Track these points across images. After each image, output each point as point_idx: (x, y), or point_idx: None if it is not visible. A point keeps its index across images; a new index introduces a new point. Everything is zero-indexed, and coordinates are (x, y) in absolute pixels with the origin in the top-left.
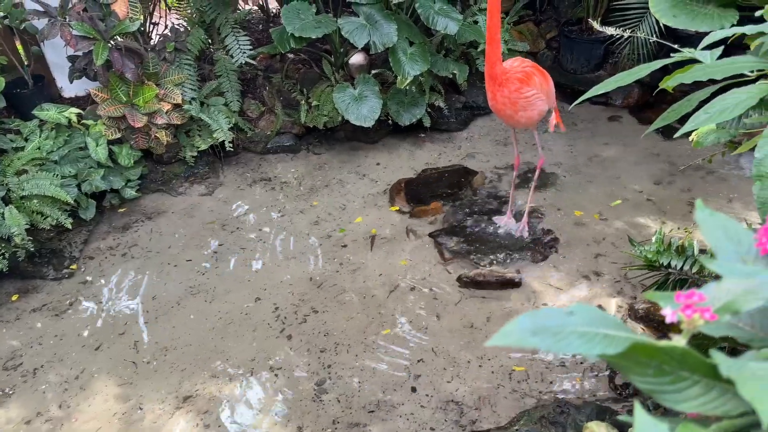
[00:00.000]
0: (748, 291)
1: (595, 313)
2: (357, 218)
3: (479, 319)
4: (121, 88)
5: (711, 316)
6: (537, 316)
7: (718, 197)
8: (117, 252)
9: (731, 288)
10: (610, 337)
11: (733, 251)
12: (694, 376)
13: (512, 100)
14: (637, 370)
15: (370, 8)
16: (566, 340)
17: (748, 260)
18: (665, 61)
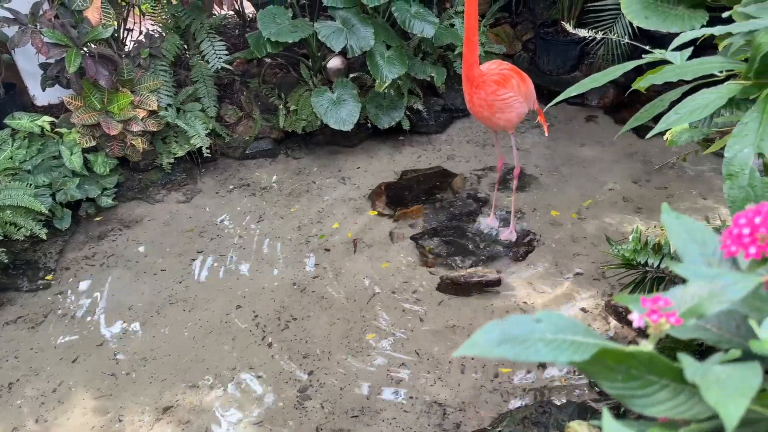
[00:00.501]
0: (713, 294)
1: (562, 319)
2: (338, 223)
3: (462, 320)
4: (95, 95)
5: (676, 321)
6: (504, 325)
7: (693, 194)
8: (94, 262)
9: (696, 291)
10: (577, 344)
11: (698, 253)
12: (662, 381)
13: (489, 103)
14: (606, 376)
15: (346, 12)
16: (533, 347)
17: (714, 263)
18: (637, 62)
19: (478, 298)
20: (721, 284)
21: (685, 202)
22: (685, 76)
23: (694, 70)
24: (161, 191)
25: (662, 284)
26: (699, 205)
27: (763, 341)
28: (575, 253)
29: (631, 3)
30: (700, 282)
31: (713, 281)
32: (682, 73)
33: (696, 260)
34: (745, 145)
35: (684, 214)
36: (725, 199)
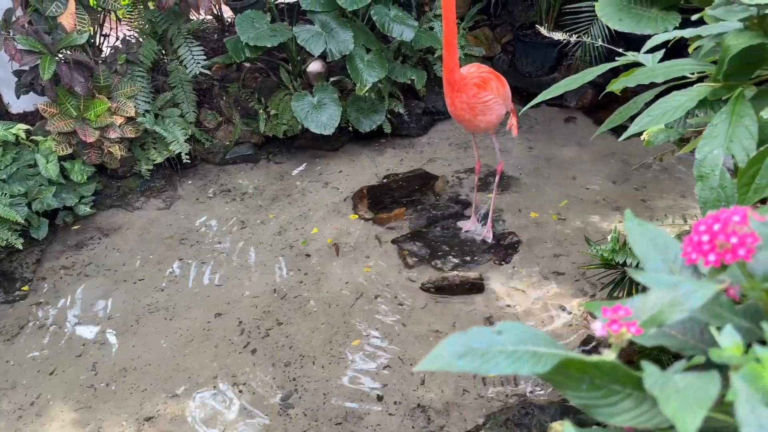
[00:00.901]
0: (674, 303)
1: (524, 330)
2: (320, 227)
3: (445, 323)
4: (71, 102)
5: (636, 331)
6: (465, 337)
7: (671, 193)
8: (72, 271)
9: (657, 300)
10: (538, 355)
11: (660, 260)
12: (625, 390)
13: (471, 105)
14: (571, 385)
15: (325, 16)
16: (494, 360)
17: (675, 269)
18: (610, 65)
19: (460, 300)
20: (682, 292)
21: (663, 200)
22: (657, 78)
23: (665, 73)
24: (140, 198)
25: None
26: (677, 204)
27: (723, 349)
28: (556, 254)
29: (605, 6)
30: (661, 290)
31: (674, 289)
32: (654, 76)
33: (657, 267)
34: (715, 146)
35: (662, 212)
36: (697, 200)
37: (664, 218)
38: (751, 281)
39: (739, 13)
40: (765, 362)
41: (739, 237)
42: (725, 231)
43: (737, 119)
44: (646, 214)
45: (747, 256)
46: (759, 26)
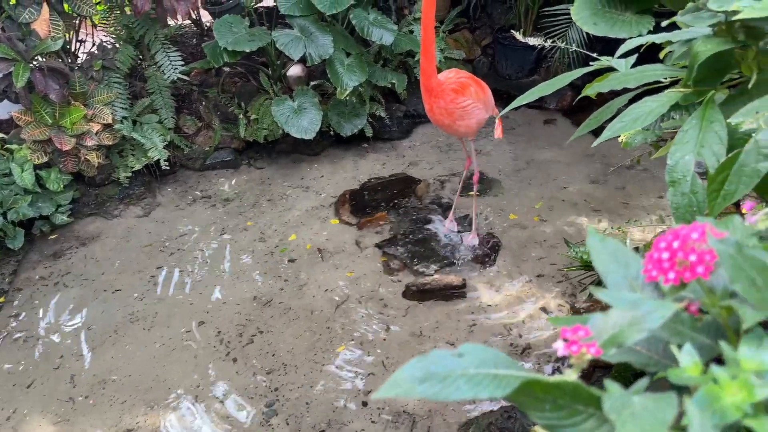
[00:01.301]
0: (633, 322)
1: (485, 352)
2: (302, 233)
3: (428, 328)
4: (46, 110)
5: (596, 351)
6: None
7: (650, 193)
8: (49, 282)
9: (618, 319)
10: (499, 378)
11: (621, 277)
12: (588, 410)
13: (449, 111)
14: (534, 406)
15: (304, 20)
16: (454, 385)
17: (637, 286)
18: (584, 70)
19: (443, 304)
20: (641, 312)
21: (642, 200)
22: (629, 84)
23: (636, 78)
24: (119, 206)
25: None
26: (656, 204)
27: (682, 369)
28: (538, 256)
29: (580, 10)
30: (621, 309)
31: (634, 308)
32: (626, 81)
33: (619, 284)
34: (686, 152)
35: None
36: (669, 206)
37: (644, 218)
38: (711, 297)
39: (707, 19)
40: (722, 383)
41: (698, 255)
42: (684, 248)
43: (707, 125)
44: (626, 215)
45: (705, 274)
46: (727, 32)
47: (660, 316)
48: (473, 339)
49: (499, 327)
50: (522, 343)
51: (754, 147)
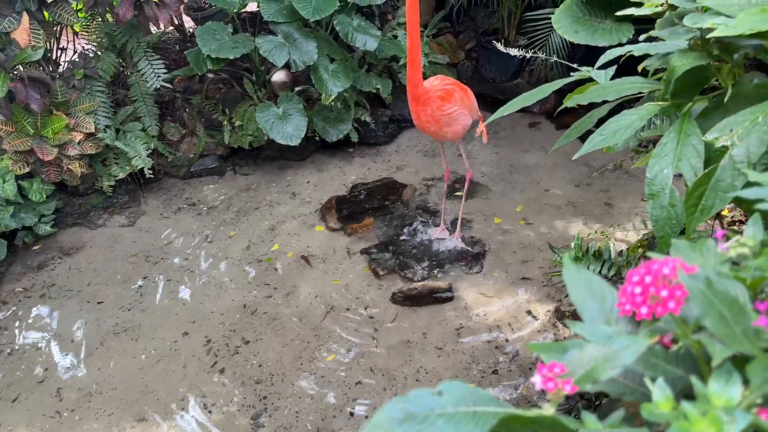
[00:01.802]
0: (607, 358)
1: (464, 389)
2: (289, 240)
3: (416, 334)
4: (27, 119)
5: (572, 389)
6: (405, 402)
7: (632, 195)
8: (33, 293)
9: (593, 355)
10: (479, 415)
11: (597, 310)
12: None
13: (435, 118)
14: None
15: (288, 26)
16: (434, 425)
17: (612, 319)
18: (565, 81)
19: (431, 310)
20: (615, 348)
21: (625, 203)
22: (608, 96)
23: (616, 91)
24: (103, 215)
25: None
26: (639, 206)
27: (654, 404)
28: (523, 260)
29: (561, 18)
30: (596, 343)
31: (608, 343)
32: (605, 94)
33: (595, 317)
34: (665, 165)
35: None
36: (649, 218)
37: (626, 221)
38: (683, 328)
39: (683, 34)
40: (692, 419)
41: (669, 290)
42: (656, 284)
43: (685, 138)
44: (609, 217)
45: (676, 309)
46: (702, 47)
47: (633, 352)
48: (461, 345)
49: (486, 332)
50: (510, 349)
51: (729, 163)
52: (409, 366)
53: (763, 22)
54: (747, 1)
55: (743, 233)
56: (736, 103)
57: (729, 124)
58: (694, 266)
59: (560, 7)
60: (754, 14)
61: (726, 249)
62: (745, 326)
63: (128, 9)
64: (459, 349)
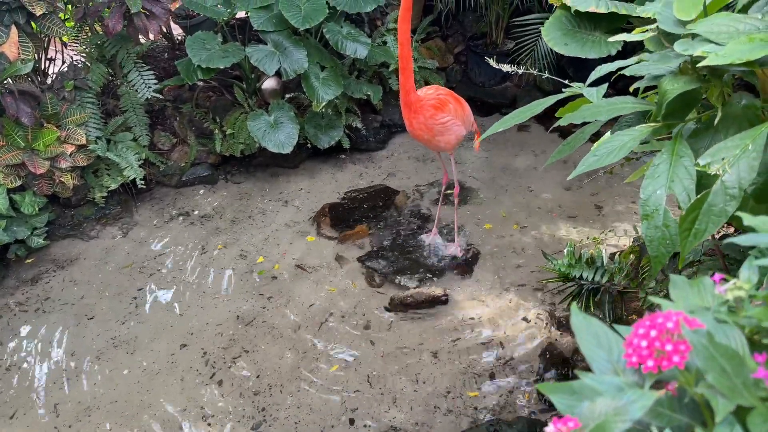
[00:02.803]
0: (617, 412)
1: None
2: (283, 248)
3: (412, 341)
4: (18, 133)
5: None
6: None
7: (623, 198)
8: (28, 307)
9: (603, 408)
10: None
11: (605, 359)
12: None
13: (428, 126)
14: None
15: (278, 35)
16: None
17: (620, 370)
18: (557, 97)
19: (426, 316)
20: (624, 402)
21: (616, 206)
22: (600, 116)
23: (608, 110)
24: (96, 227)
25: (597, 295)
26: (629, 209)
27: None
28: (516, 264)
29: (551, 31)
30: (606, 396)
31: (617, 396)
32: (598, 113)
33: (603, 367)
34: (658, 186)
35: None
36: (644, 238)
37: (617, 224)
38: (687, 378)
39: (674, 59)
40: None
41: (674, 345)
42: (661, 338)
43: (677, 160)
44: (600, 221)
45: (681, 363)
46: (692, 70)
47: (641, 406)
48: (457, 350)
49: (482, 338)
50: (505, 355)
51: (721, 188)
52: (406, 373)
53: (752, 51)
54: (735, 29)
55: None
56: (726, 124)
57: (720, 149)
58: (695, 319)
59: (549, 20)
60: (743, 43)
61: (723, 292)
62: (745, 378)
63: (118, 21)
64: (455, 355)
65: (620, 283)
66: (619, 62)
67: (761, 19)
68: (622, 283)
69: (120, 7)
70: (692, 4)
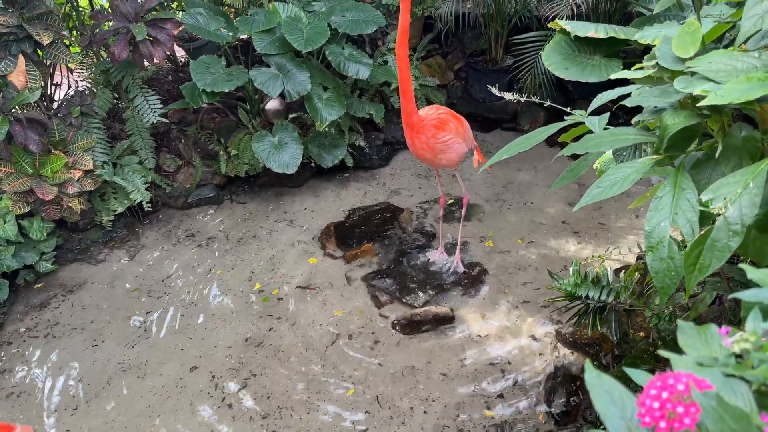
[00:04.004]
0: None
1: None
2: (289, 268)
3: (420, 361)
4: (26, 160)
5: None
6: None
7: (625, 213)
8: (37, 333)
9: None
10: None
11: (618, 417)
12: None
13: (430, 146)
14: None
15: (281, 58)
16: None
17: (633, 427)
18: (559, 125)
19: (433, 335)
20: None
21: (619, 221)
22: (603, 147)
23: (611, 141)
24: (103, 250)
25: (603, 313)
26: (632, 224)
27: None
28: (522, 281)
29: (551, 55)
30: None
31: None
32: (601, 144)
33: (617, 425)
34: (662, 218)
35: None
36: (649, 270)
37: (621, 239)
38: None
39: (674, 94)
40: None
41: (684, 407)
42: (672, 400)
43: (680, 192)
44: (604, 236)
45: (692, 425)
46: (692, 105)
47: None
48: (465, 370)
49: (489, 357)
50: (513, 372)
51: (724, 224)
52: (415, 394)
53: (750, 90)
54: (733, 67)
55: (745, 327)
56: (726, 156)
57: (722, 185)
58: (704, 380)
59: (549, 45)
60: (741, 83)
61: (730, 344)
62: None
63: (124, 48)
64: (463, 375)
65: (626, 301)
66: (620, 89)
67: (758, 57)
68: (628, 301)
69: (126, 35)
70: (690, 41)
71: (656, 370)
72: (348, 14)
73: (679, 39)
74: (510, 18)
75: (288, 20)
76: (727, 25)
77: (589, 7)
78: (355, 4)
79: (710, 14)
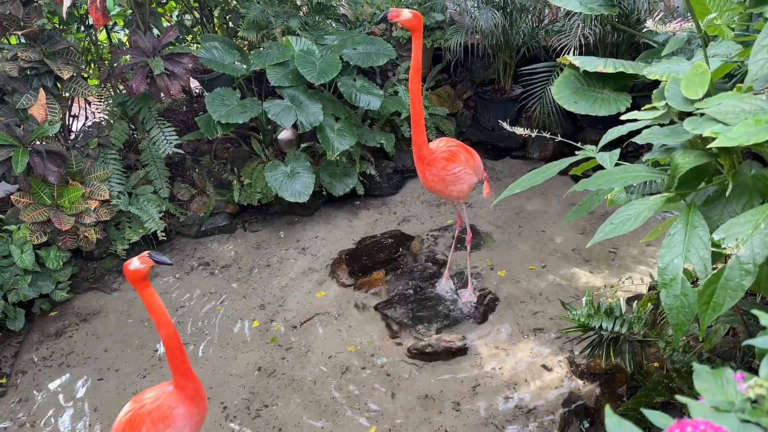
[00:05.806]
0: None
1: None
2: (301, 297)
3: (433, 391)
4: (44, 190)
5: None
6: None
7: (637, 241)
8: (52, 362)
9: None
10: None
11: None
12: None
13: (441, 177)
14: None
15: (294, 90)
16: None
17: None
18: (570, 160)
19: (446, 366)
20: None
21: (630, 249)
22: (614, 184)
23: (622, 178)
24: (117, 279)
25: (617, 344)
26: (644, 252)
27: None
28: (533, 310)
29: (561, 89)
30: None
31: None
32: (612, 181)
33: None
34: (675, 255)
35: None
36: (663, 307)
37: (632, 268)
38: None
39: (683, 134)
40: None
41: None
42: None
43: (692, 230)
44: (615, 264)
45: None
46: (702, 144)
47: None
48: (478, 400)
49: (502, 387)
50: (527, 403)
51: (736, 264)
52: (429, 425)
53: (759, 133)
54: (741, 109)
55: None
56: (737, 194)
57: (733, 225)
58: (721, 428)
59: (559, 79)
60: (750, 125)
61: (745, 390)
62: None
63: (141, 82)
64: (476, 405)
65: (639, 332)
66: (629, 125)
67: (766, 100)
68: (641, 332)
69: (143, 69)
70: (699, 83)
71: (671, 404)
72: (359, 47)
73: (688, 81)
74: (518, 49)
75: (301, 54)
76: (734, 64)
77: (597, 38)
78: (366, 38)
79: (717, 53)
